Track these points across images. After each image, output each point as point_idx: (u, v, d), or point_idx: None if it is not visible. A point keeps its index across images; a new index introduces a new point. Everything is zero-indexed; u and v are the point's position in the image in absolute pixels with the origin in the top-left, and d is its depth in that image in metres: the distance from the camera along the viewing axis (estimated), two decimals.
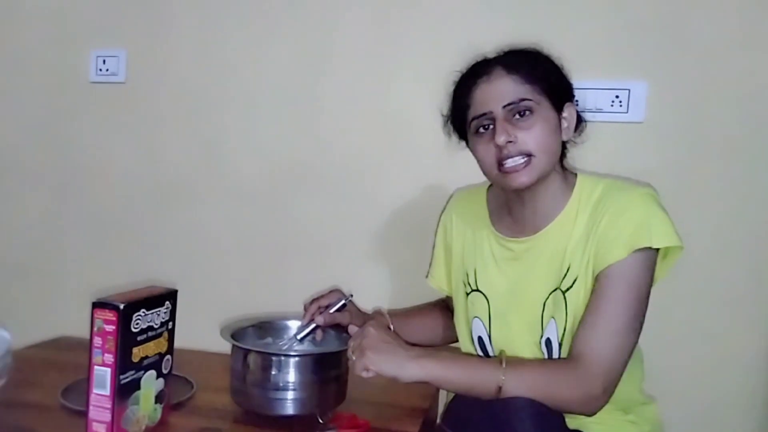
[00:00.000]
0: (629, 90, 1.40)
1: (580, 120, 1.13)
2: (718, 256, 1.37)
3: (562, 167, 1.14)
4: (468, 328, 1.21)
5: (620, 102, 1.41)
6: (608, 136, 1.38)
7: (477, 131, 1.08)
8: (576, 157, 1.18)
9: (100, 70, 1.73)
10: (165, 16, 1.68)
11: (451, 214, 1.30)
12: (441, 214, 1.34)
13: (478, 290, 1.19)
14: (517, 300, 1.14)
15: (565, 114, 1.09)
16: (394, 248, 1.55)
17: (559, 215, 1.11)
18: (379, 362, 1.00)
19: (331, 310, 1.23)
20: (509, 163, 1.04)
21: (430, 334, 1.36)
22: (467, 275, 1.22)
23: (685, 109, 1.38)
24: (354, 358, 1.03)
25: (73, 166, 1.76)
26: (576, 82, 1.13)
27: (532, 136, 1.03)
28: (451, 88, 1.13)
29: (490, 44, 1.15)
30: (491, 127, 1.06)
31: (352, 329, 1.12)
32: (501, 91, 1.05)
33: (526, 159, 1.04)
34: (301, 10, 1.58)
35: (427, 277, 1.36)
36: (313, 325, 1.22)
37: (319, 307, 1.23)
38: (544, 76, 1.06)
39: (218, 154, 1.66)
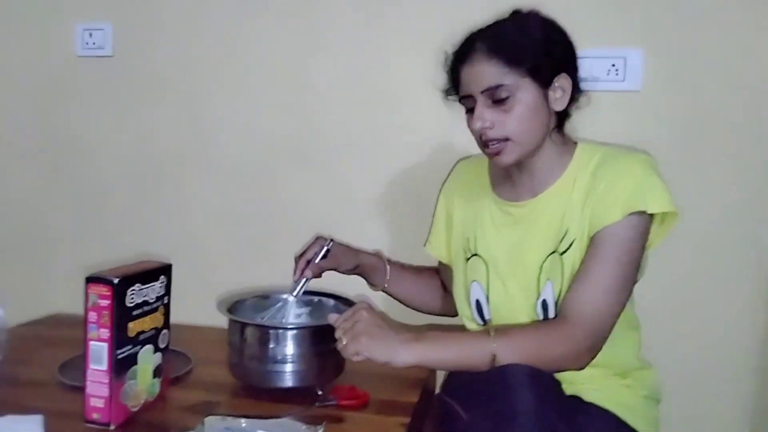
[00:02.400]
0: (625, 58, 1.39)
1: (577, 89, 1.12)
2: (715, 224, 1.37)
3: (562, 134, 1.14)
4: (466, 292, 1.22)
5: (616, 70, 1.40)
6: (605, 105, 1.37)
7: (466, 110, 1.11)
8: (573, 126, 1.17)
9: (87, 43, 1.69)
10: None
11: (453, 183, 1.32)
12: (443, 184, 1.34)
13: (477, 255, 1.20)
14: (515, 263, 1.15)
15: (557, 85, 1.07)
16: (389, 222, 1.54)
17: (557, 180, 1.12)
18: (372, 348, 1.00)
19: (317, 260, 1.22)
20: (490, 145, 1.08)
21: (418, 293, 1.37)
22: (468, 241, 1.23)
23: (682, 77, 1.37)
24: (345, 341, 1.02)
25: (62, 142, 1.74)
26: None
27: (511, 120, 1.05)
28: (444, 66, 1.14)
29: (484, 13, 1.13)
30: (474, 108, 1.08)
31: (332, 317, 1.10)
32: (480, 75, 1.05)
33: (505, 143, 1.07)
34: None
35: (425, 245, 1.36)
36: (304, 280, 1.21)
37: (307, 261, 1.22)
38: (528, 56, 1.04)
39: (209, 130, 1.64)
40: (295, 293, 1.22)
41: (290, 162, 1.59)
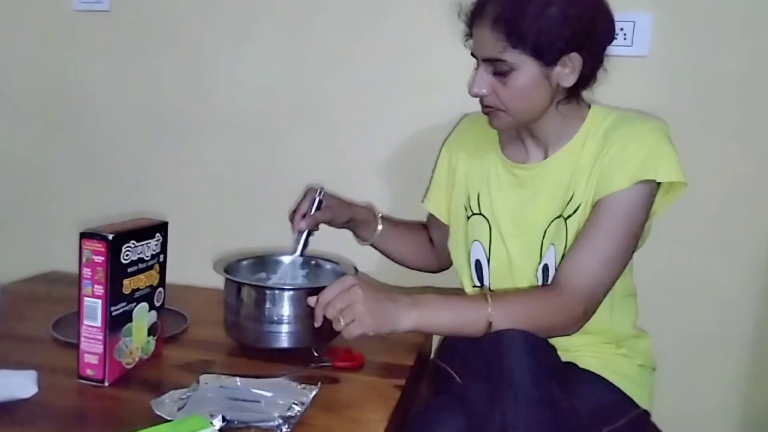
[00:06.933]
0: (634, 22, 1.35)
1: (595, 63, 1.07)
2: (719, 193, 1.35)
3: (577, 99, 1.10)
4: (466, 251, 1.20)
5: (624, 35, 1.36)
6: (612, 70, 1.33)
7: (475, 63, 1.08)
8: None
9: None
10: None
11: (458, 139, 1.29)
12: (446, 139, 1.32)
13: (480, 214, 1.18)
14: (519, 225, 1.14)
15: (565, 62, 1.02)
16: (390, 181, 1.52)
17: (567, 144, 1.10)
18: (377, 326, 0.96)
19: (312, 213, 1.19)
20: (485, 109, 1.08)
21: (405, 247, 1.35)
22: (469, 198, 1.21)
23: (690, 43, 1.34)
24: (343, 322, 0.97)
25: (59, 98, 1.70)
26: None
27: (507, 93, 1.04)
28: (459, 14, 1.11)
29: None
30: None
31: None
32: (483, 43, 1.03)
33: (498, 111, 1.06)
34: None
35: (423, 201, 1.34)
36: (303, 234, 1.18)
37: (302, 215, 1.19)
38: (533, 35, 0.98)
39: (209, 87, 1.60)
40: (296, 252, 1.19)
41: (292, 119, 1.56)
